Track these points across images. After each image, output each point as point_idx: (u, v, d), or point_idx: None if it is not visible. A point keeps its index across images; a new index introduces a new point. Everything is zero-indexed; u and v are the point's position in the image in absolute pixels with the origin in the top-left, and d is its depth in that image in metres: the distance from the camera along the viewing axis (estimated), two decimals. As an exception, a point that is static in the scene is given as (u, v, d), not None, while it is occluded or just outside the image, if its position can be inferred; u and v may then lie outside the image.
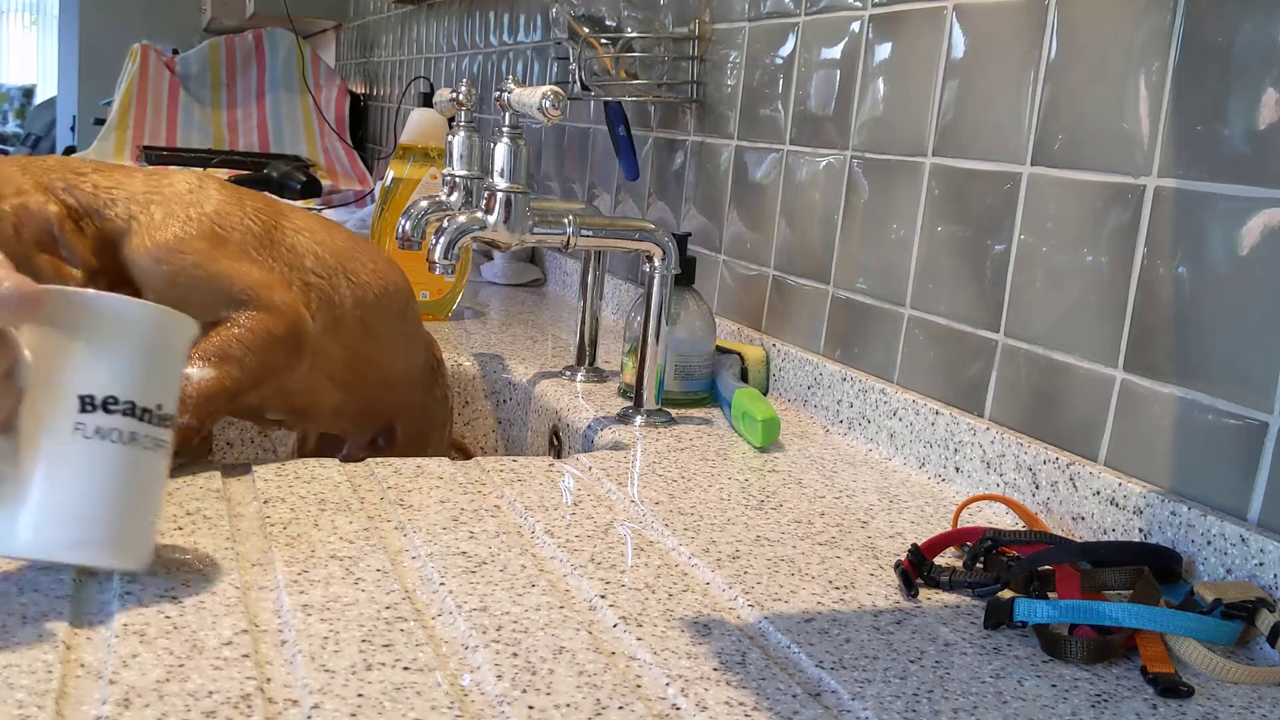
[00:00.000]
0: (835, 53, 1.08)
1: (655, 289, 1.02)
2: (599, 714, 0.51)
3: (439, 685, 0.52)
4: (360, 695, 0.50)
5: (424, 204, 1.11)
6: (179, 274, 0.78)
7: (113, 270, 0.79)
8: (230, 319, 0.78)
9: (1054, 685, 0.57)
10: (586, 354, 1.20)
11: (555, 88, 0.95)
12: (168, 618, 0.56)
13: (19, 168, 0.78)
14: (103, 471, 0.55)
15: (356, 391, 0.92)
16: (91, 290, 0.54)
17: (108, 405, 0.54)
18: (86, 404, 0.54)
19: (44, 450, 0.54)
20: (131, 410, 0.55)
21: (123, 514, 0.57)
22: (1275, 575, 0.65)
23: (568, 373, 1.20)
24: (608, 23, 1.35)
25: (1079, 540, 0.77)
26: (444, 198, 1.13)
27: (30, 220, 0.77)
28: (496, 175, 0.98)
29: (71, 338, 0.54)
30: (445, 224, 0.97)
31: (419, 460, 0.85)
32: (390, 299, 0.93)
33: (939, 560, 0.72)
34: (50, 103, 6.27)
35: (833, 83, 1.08)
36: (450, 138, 1.13)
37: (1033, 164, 0.84)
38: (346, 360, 0.89)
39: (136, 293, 0.78)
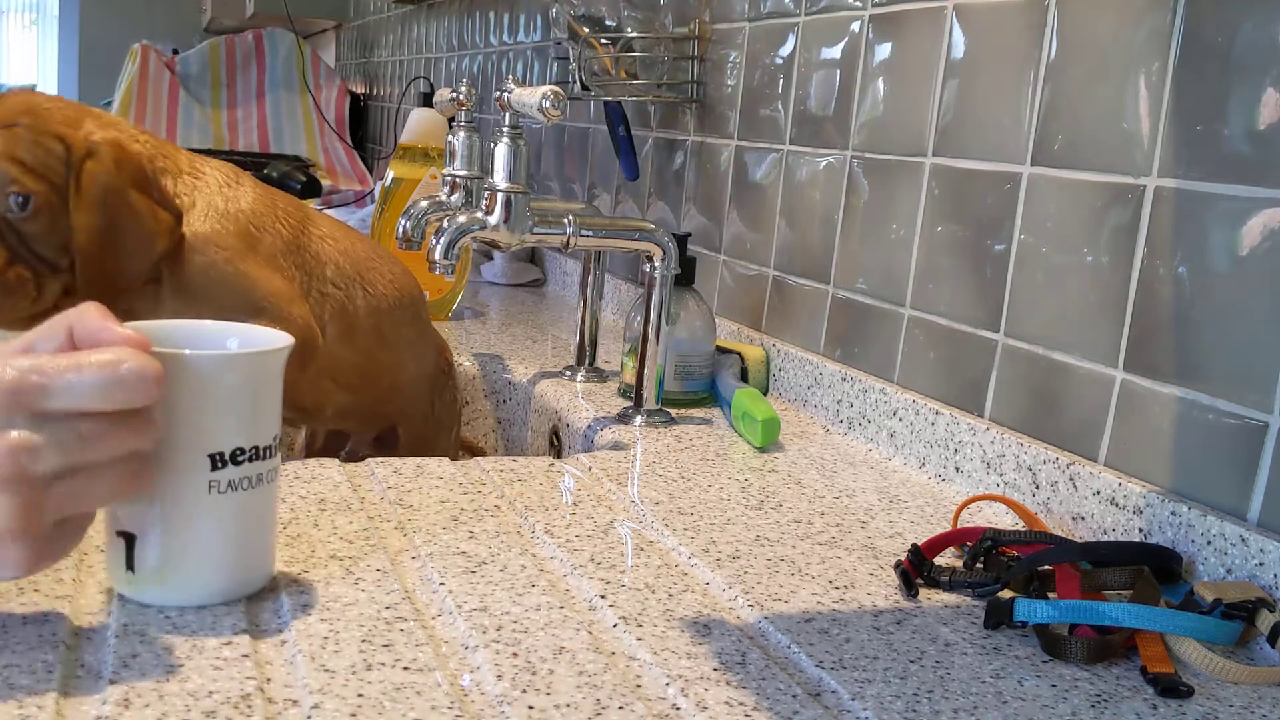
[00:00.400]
0: (835, 53, 1.08)
1: (655, 289, 1.02)
2: (599, 714, 0.51)
3: (439, 685, 0.52)
4: (360, 695, 0.50)
5: (424, 204, 1.11)
6: (211, 268, 0.79)
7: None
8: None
9: (1054, 685, 0.57)
10: (586, 354, 1.20)
11: (555, 88, 0.95)
12: (168, 618, 0.56)
13: (92, 115, 0.80)
14: (238, 518, 0.57)
15: (365, 394, 0.92)
16: (193, 352, 0.54)
17: (235, 458, 0.55)
18: (217, 462, 0.55)
19: (182, 511, 0.55)
20: (256, 454, 0.56)
21: (256, 546, 0.59)
22: (1275, 575, 0.65)
23: (568, 373, 1.20)
24: (608, 23, 1.35)
25: (1079, 540, 0.77)
26: (444, 198, 1.13)
27: (127, 156, 0.78)
28: (496, 175, 0.98)
29: (192, 399, 0.54)
30: (445, 224, 0.97)
31: (419, 460, 0.85)
32: (404, 308, 0.94)
33: (939, 560, 0.72)
34: (50, 103, 6.26)
35: (833, 83, 1.08)
36: (450, 138, 1.13)
37: (1033, 164, 0.84)
38: (357, 365, 0.89)
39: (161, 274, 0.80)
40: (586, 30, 1.34)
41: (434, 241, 0.96)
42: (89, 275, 0.76)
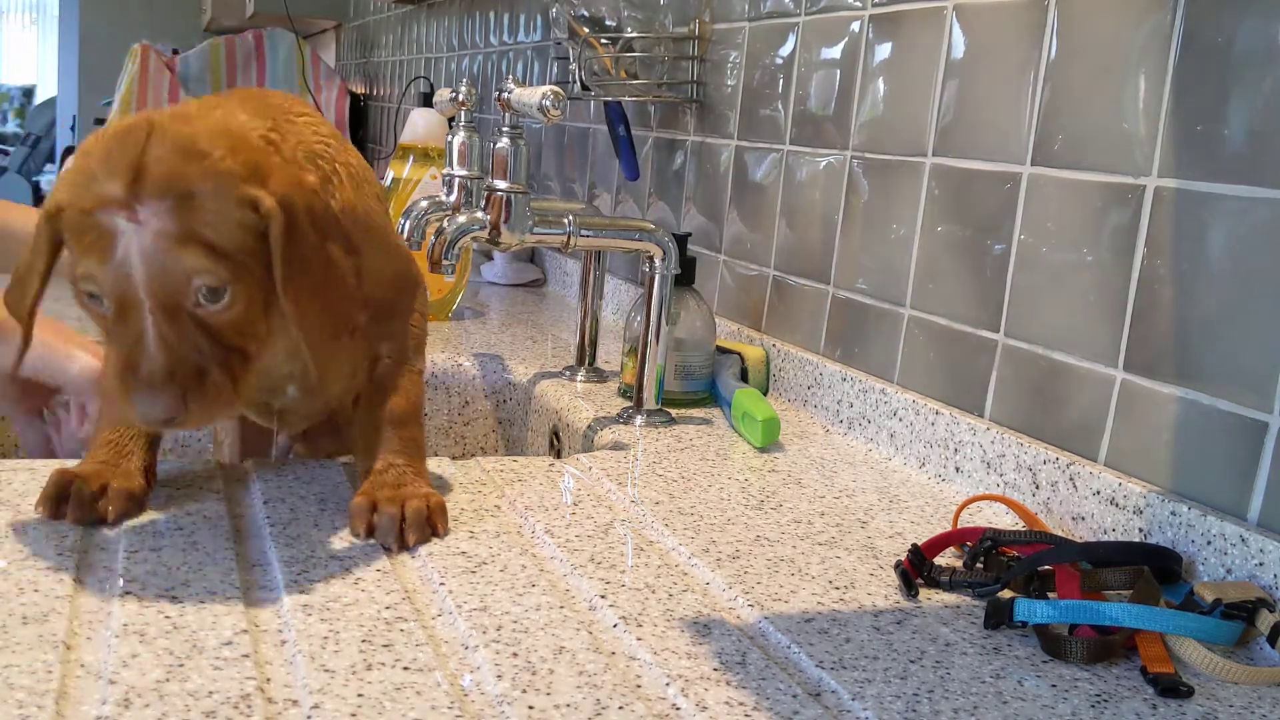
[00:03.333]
0: (835, 53, 1.08)
1: (655, 289, 1.02)
2: (599, 714, 0.51)
3: (439, 685, 0.52)
4: (360, 695, 0.50)
5: (424, 204, 1.11)
6: (374, 232, 0.74)
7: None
8: (415, 309, 0.80)
9: (1054, 685, 0.57)
10: (586, 354, 1.20)
11: (555, 88, 0.95)
12: (168, 618, 0.56)
13: (262, 126, 0.64)
14: None
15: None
16: None
17: None
18: None
19: None
20: None
21: None
22: (1275, 575, 0.65)
23: (568, 373, 1.20)
24: (608, 23, 1.35)
25: (1079, 540, 0.77)
26: (444, 198, 1.13)
27: (315, 202, 0.64)
28: (496, 175, 0.98)
29: None
30: (445, 224, 0.97)
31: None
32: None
33: (939, 560, 0.72)
34: (50, 103, 6.27)
35: (833, 83, 1.08)
36: (450, 138, 1.13)
37: (1033, 164, 0.84)
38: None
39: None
40: (586, 30, 1.34)
41: (434, 241, 0.96)
42: (312, 343, 0.64)
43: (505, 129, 0.99)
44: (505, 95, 0.98)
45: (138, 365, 0.59)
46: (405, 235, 1.07)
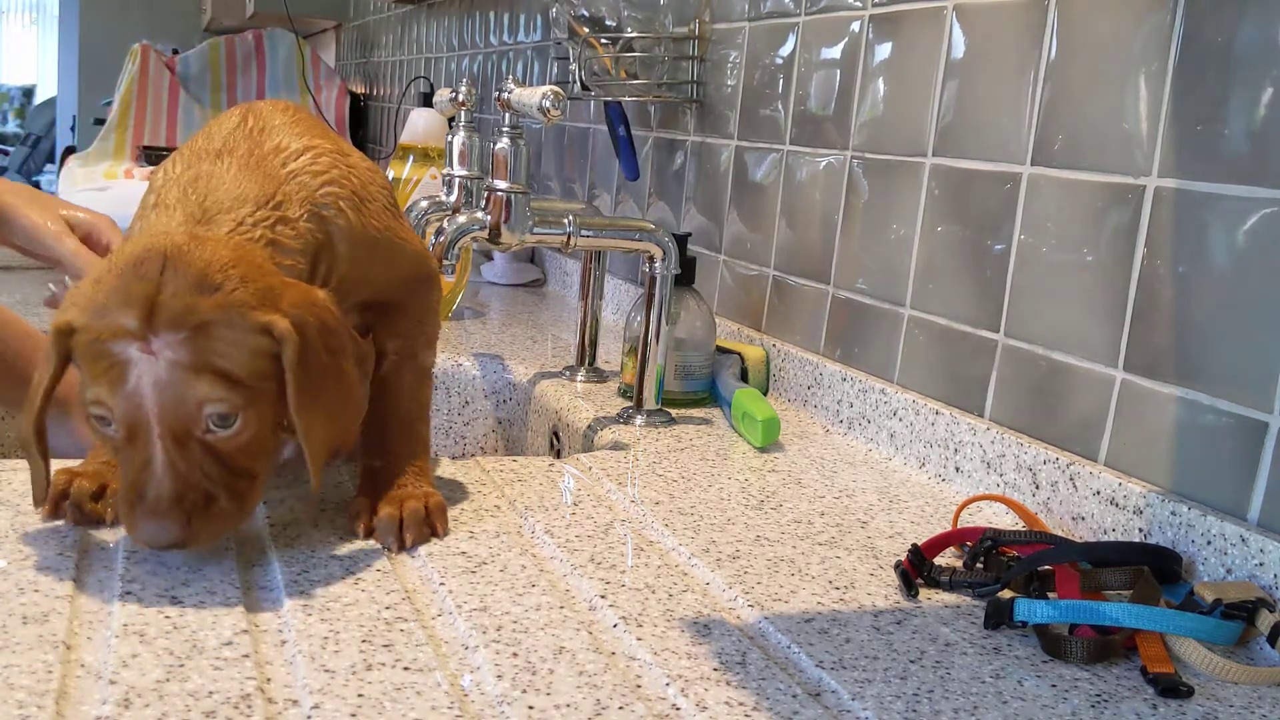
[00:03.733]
0: (835, 53, 1.08)
1: (655, 289, 1.02)
2: (599, 714, 0.51)
3: (439, 685, 0.52)
4: (360, 695, 0.50)
5: (424, 204, 1.11)
6: (391, 245, 0.76)
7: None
8: (426, 306, 0.79)
9: (1054, 685, 0.57)
10: (586, 354, 1.20)
11: (555, 88, 0.95)
12: (168, 618, 0.56)
13: (268, 215, 0.65)
14: None
15: None
16: None
17: None
18: None
19: None
20: None
21: None
22: (1275, 575, 0.65)
23: (568, 373, 1.20)
24: (608, 23, 1.35)
25: (1079, 540, 0.77)
26: (444, 198, 1.13)
27: (325, 318, 0.64)
28: (496, 175, 0.98)
29: None
30: (445, 224, 0.97)
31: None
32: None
33: (939, 560, 0.72)
34: (50, 103, 6.27)
35: (833, 83, 1.08)
36: (450, 138, 1.13)
37: (1033, 164, 0.84)
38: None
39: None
40: (586, 30, 1.34)
41: (434, 241, 0.95)
42: (318, 459, 0.63)
43: (505, 129, 0.99)
44: (505, 95, 0.98)
45: (145, 490, 0.59)
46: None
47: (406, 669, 0.53)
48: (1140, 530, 0.74)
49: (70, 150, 3.73)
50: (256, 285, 0.61)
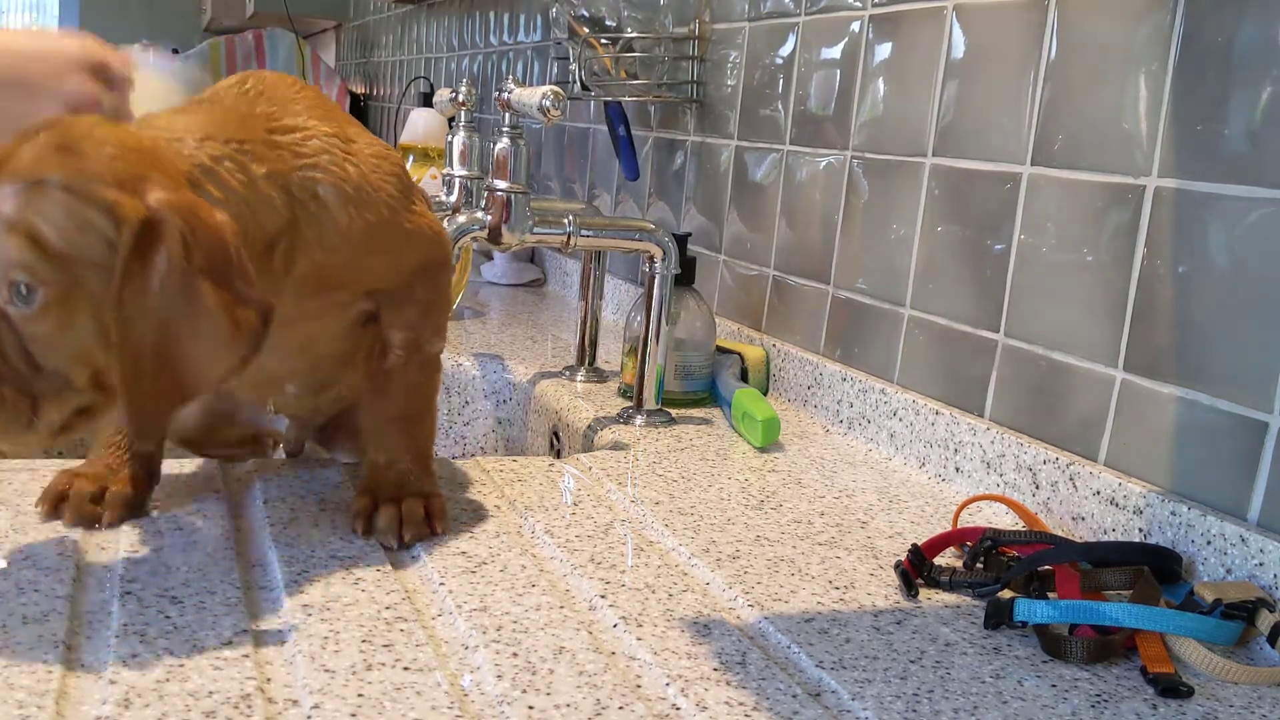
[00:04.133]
0: (835, 53, 1.08)
1: (655, 289, 1.02)
2: (599, 714, 0.51)
3: (439, 685, 0.52)
4: (360, 695, 0.50)
5: (424, 204, 1.10)
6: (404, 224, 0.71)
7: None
8: (435, 291, 0.75)
9: (1054, 685, 0.57)
10: (586, 354, 1.20)
11: (555, 88, 0.95)
12: (168, 618, 0.56)
13: (216, 149, 0.58)
14: None
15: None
16: None
17: None
18: None
19: None
20: None
21: None
22: (1275, 575, 0.65)
23: (568, 373, 1.20)
24: (608, 23, 1.35)
25: (1079, 540, 0.77)
26: (444, 198, 1.13)
27: (203, 230, 0.55)
28: (496, 175, 0.98)
29: None
30: (445, 224, 0.97)
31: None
32: None
33: (939, 560, 0.72)
34: (50, 103, 6.25)
35: (833, 83, 1.08)
36: (450, 138, 1.13)
37: (1033, 164, 0.84)
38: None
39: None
40: (586, 30, 1.34)
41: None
42: (134, 401, 0.55)
43: (505, 129, 0.99)
44: (505, 95, 0.98)
45: None
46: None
47: (406, 669, 0.53)
48: (1140, 530, 0.74)
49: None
50: (126, 166, 0.54)
